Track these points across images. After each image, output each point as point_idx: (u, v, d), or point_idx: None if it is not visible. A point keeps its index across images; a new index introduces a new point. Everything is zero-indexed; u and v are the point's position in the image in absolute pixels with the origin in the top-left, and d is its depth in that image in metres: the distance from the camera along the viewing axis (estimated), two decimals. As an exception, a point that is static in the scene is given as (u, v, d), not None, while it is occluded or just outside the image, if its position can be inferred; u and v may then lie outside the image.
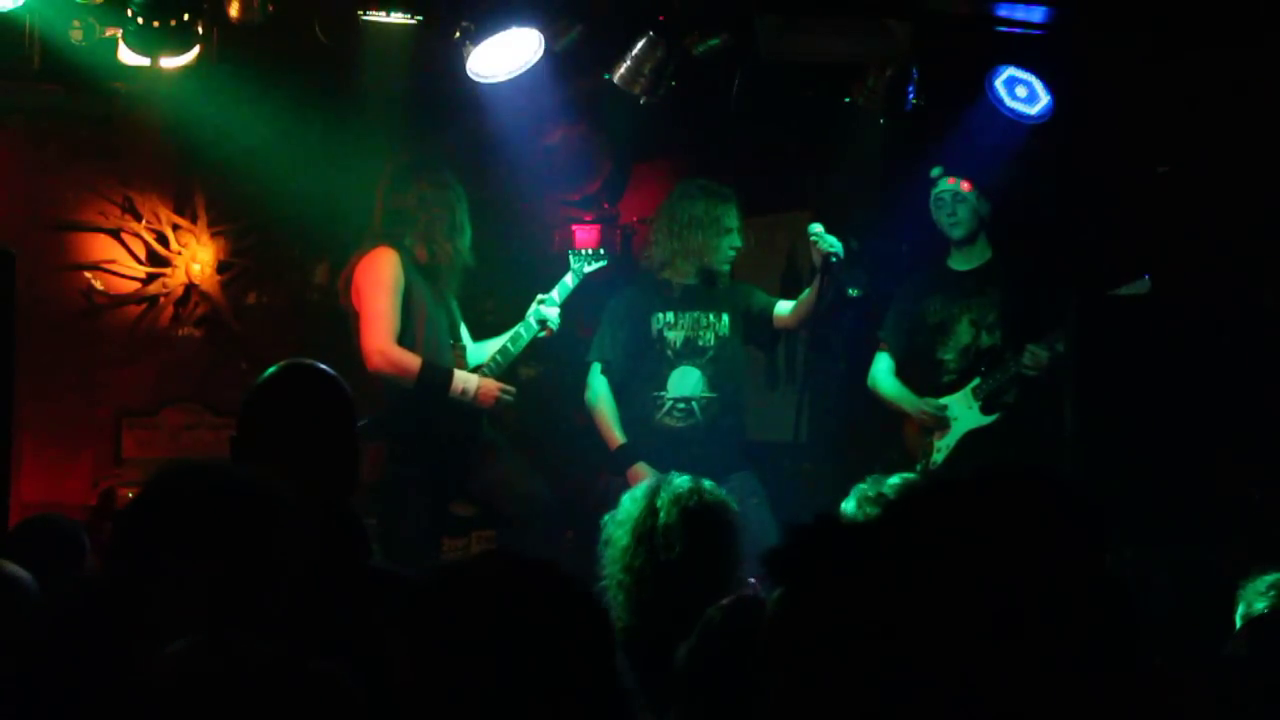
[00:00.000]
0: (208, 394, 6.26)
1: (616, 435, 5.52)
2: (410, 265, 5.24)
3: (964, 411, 5.53)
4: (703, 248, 5.55)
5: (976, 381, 5.51)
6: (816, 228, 5.42)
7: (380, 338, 5.10)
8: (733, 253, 5.60)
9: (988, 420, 5.48)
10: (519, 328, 5.49)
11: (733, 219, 5.59)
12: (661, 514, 3.15)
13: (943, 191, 5.61)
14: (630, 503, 3.23)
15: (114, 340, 6.41)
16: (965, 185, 5.57)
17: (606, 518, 3.29)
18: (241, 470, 2.36)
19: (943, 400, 5.57)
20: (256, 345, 6.45)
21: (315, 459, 2.64)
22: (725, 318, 5.58)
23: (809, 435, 6.65)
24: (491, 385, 5.31)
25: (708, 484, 3.28)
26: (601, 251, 5.77)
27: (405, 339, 5.18)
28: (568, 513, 5.58)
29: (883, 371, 5.73)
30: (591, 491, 5.80)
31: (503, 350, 5.48)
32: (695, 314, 5.58)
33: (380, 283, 5.16)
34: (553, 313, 5.48)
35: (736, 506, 3.32)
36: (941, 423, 5.54)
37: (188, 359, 6.47)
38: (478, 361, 5.45)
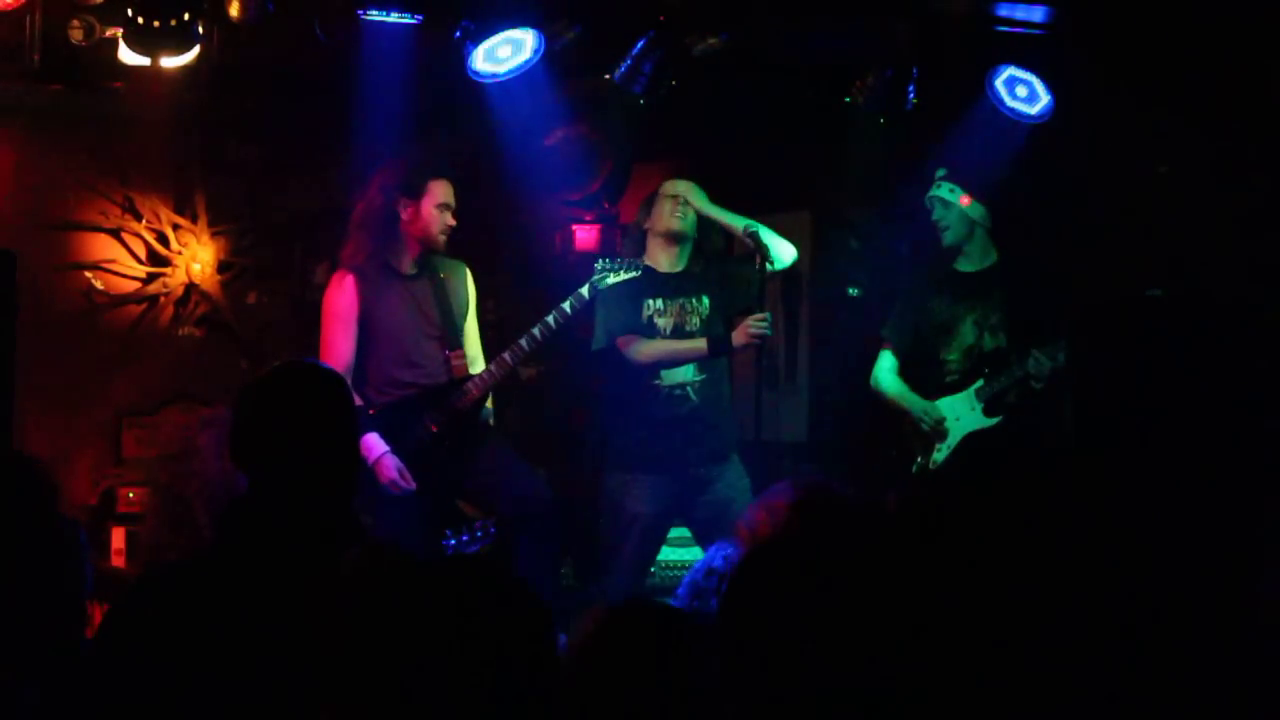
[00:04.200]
0: (208, 394, 6.25)
1: (696, 343, 5.52)
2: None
3: (966, 413, 5.53)
4: (654, 217, 5.64)
5: (980, 383, 5.51)
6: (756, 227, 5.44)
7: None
8: (678, 209, 5.63)
9: (990, 422, 5.48)
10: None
11: (676, 187, 5.66)
12: None
13: (933, 196, 5.64)
14: None
15: (114, 340, 6.40)
16: (953, 191, 5.59)
17: None
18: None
19: (945, 401, 5.57)
20: (256, 345, 6.45)
21: (312, 459, 2.64)
22: (705, 299, 5.63)
23: (809, 435, 6.66)
24: (389, 465, 5.19)
25: None
26: (636, 262, 5.53)
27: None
28: (567, 512, 5.58)
29: (885, 370, 5.73)
30: (592, 491, 5.79)
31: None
32: (680, 300, 5.62)
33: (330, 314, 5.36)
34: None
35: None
36: (939, 434, 5.54)
37: (188, 359, 6.47)
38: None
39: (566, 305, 5.31)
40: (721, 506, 5.37)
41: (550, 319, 5.29)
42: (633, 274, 5.42)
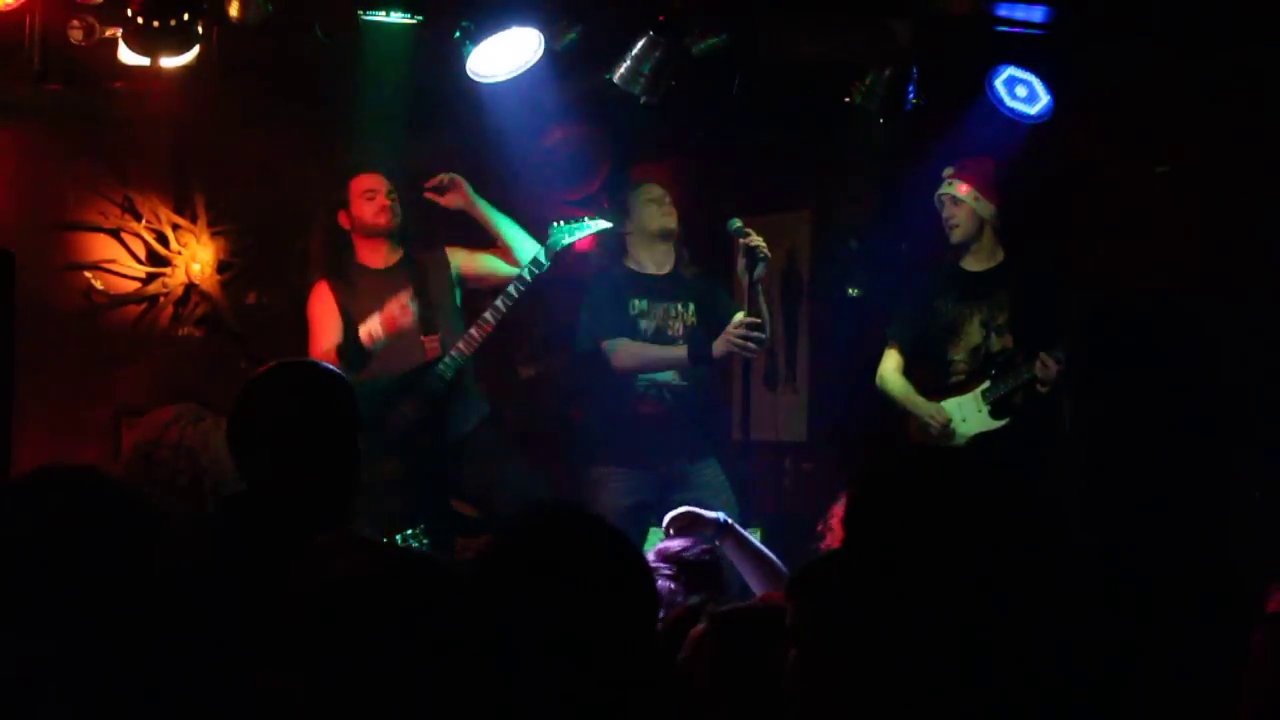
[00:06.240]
0: (208, 394, 6.23)
1: (676, 351, 5.54)
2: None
3: (973, 414, 5.51)
4: (640, 219, 5.70)
5: (987, 385, 5.50)
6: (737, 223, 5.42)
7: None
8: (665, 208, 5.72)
9: (997, 424, 5.47)
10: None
11: (654, 190, 5.78)
12: None
13: (942, 193, 5.62)
14: None
15: (114, 340, 6.40)
16: (964, 188, 5.57)
17: None
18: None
19: (951, 402, 5.56)
20: (256, 345, 6.44)
21: (312, 457, 2.64)
22: (691, 306, 5.66)
23: (809, 435, 6.66)
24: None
25: None
26: (597, 218, 5.68)
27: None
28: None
29: (891, 370, 5.72)
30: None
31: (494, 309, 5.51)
32: (665, 304, 5.66)
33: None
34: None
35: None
36: (946, 436, 5.53)
37: (188, 359, 6.47)
38: None
39: (525, 272, 5.47)
40: (698, 503, 5.37)
41: (511, 288, 5.44)
42: (588, 228, 5.53)
